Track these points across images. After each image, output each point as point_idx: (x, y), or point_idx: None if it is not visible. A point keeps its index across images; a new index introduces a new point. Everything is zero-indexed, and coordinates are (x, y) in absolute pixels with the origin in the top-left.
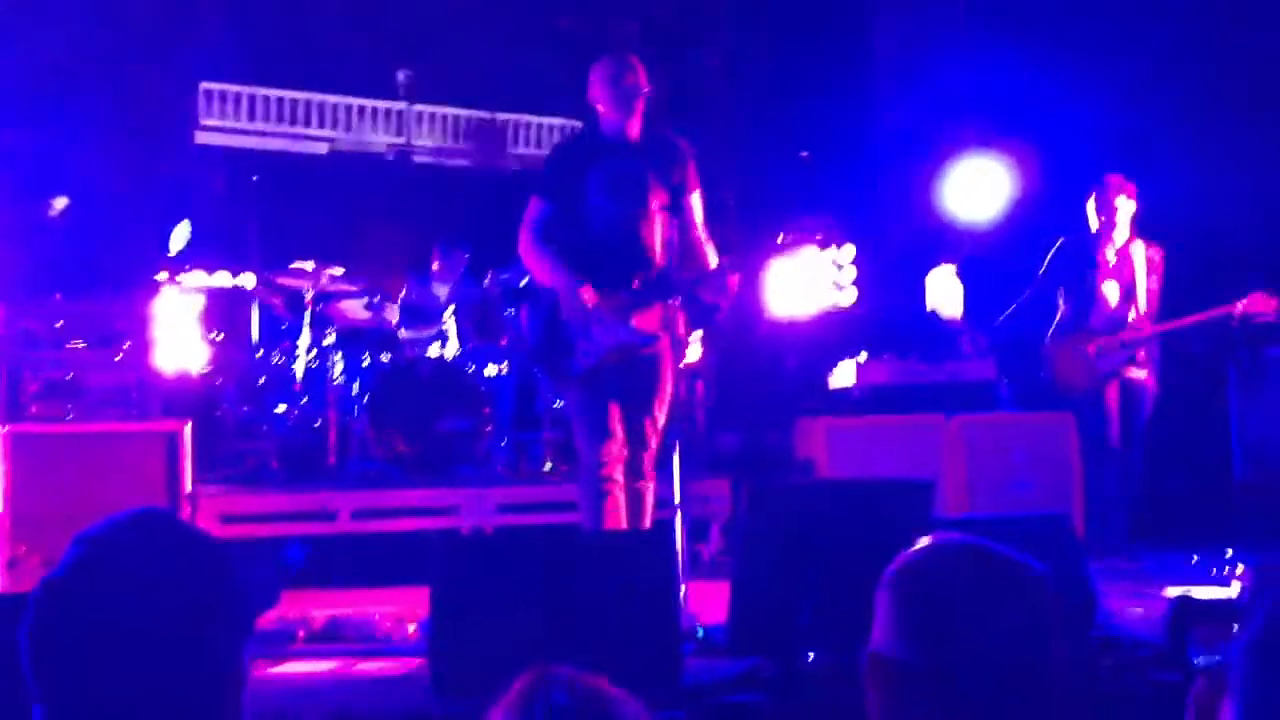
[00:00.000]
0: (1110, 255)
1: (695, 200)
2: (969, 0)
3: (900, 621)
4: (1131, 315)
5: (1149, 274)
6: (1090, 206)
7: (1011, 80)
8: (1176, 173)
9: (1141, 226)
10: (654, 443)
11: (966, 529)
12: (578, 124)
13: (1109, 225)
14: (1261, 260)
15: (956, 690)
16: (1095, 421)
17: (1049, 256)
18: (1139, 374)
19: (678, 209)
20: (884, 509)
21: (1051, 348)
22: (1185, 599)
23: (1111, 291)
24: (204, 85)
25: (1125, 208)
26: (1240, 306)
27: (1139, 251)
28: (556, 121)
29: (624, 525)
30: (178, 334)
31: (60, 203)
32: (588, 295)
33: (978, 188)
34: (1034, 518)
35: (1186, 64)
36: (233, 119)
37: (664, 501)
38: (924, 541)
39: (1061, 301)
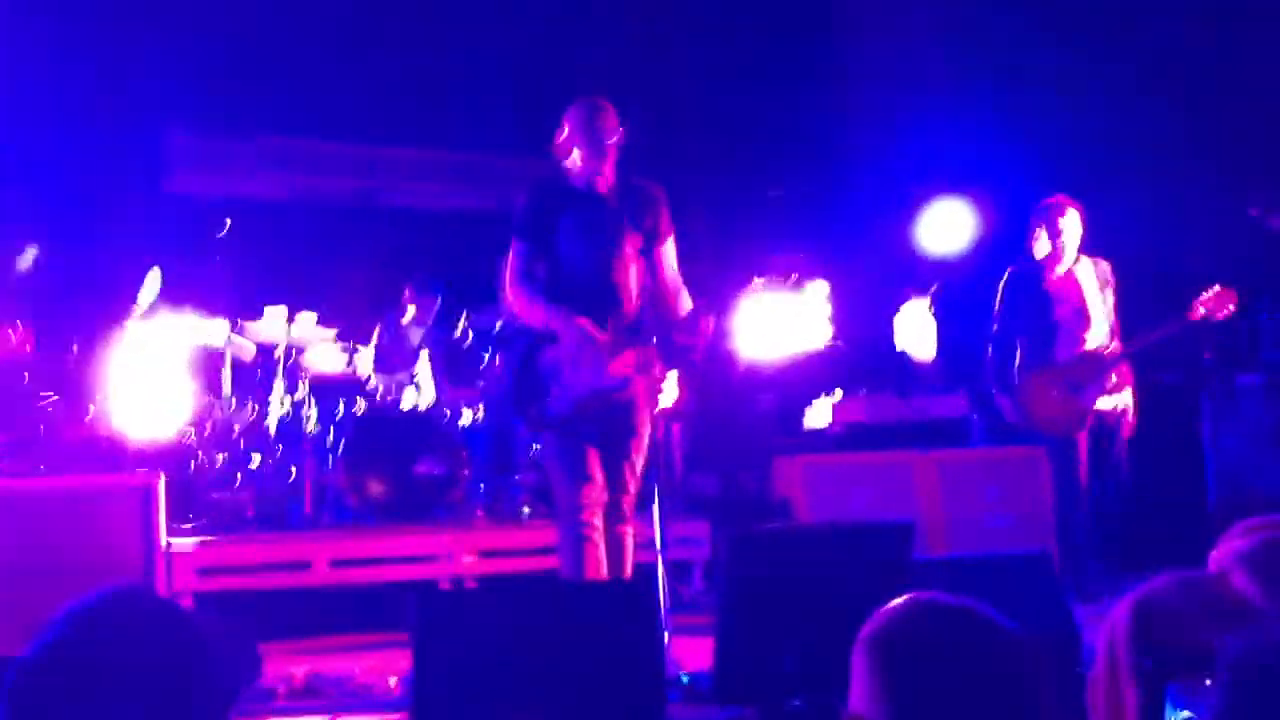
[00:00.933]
0: (1060, 282)
1: (668, 246)
2: (943, 46)
3: (878, 684)
4: (1092, 339)
5: (1103, 289)
6: (1039, 233)
7: (975, 123)
8: (1130, 200)
9: (1103, 251)
10: (633, 487)
11: (948, 570)
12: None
13: (1057, 248)
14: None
15: None
16: (1065, 462)
17: (1000, 291)
18: (1110, 403)
19: (650, 254)
20: (865, 552)
21: (1022, 388)
22: (1180, 647)
23: (1069, 318)
24: (172, 133)
25: (1072, 228)
26: (1200, 307)
27: (1086, 270)
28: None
29: (604, 571)
30: (144, 387)
31: (30, 253)
32: (591, 327)
33: (948, 226)
34: (1014, 557)
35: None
36: (202, 167)
37: (645, 544)
38: (899, 600)
39: (1018, 337)
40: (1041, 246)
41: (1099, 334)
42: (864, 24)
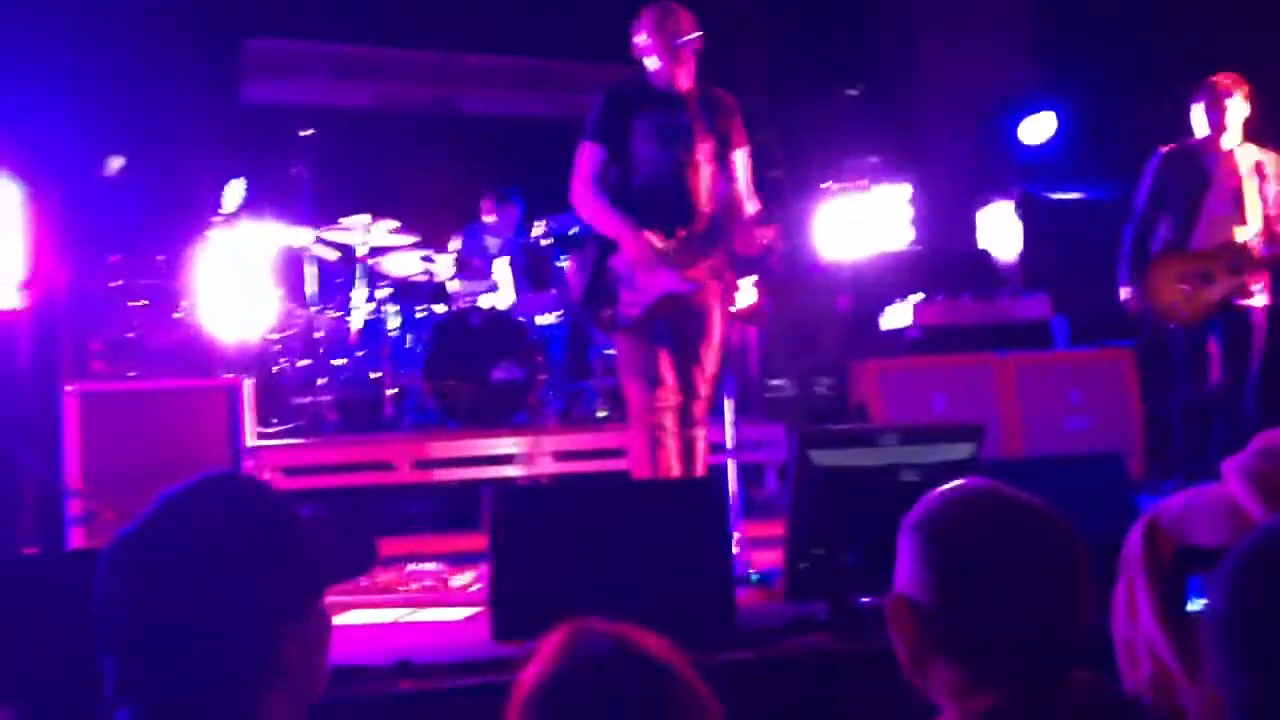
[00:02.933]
0: (1217, 165)
1: (741, 155)
2: None
3: (920, 565)
4: (1240, 233)
5: (1262, 181)
6: (1198, 111)
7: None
8: None
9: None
10: (705, 390)
11: (1016, 470)
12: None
13: (1218, 130)
14: None
15: (977, 633)
16: (1191, 357)
17: (1147, 172)
18: (1250, 303)
19: (724, 161)
20: (934, 452)
21: (1151, 272)
22: (1187, 548)
23: (1220, 206)
24: (248, 41)
25: (1237, 109)
26: None
27: (1248, 156)
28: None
29: (677, 473)
30: (230, 293)
31: (116, 162)
32: (653, 239)
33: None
34: (1084, 457)
35: None
36: (279, 74)
37: (718, 447)
38: (948, 485)
39: (1161, 223)
40: (1200, 125)
41: (1251, 227)
42: None
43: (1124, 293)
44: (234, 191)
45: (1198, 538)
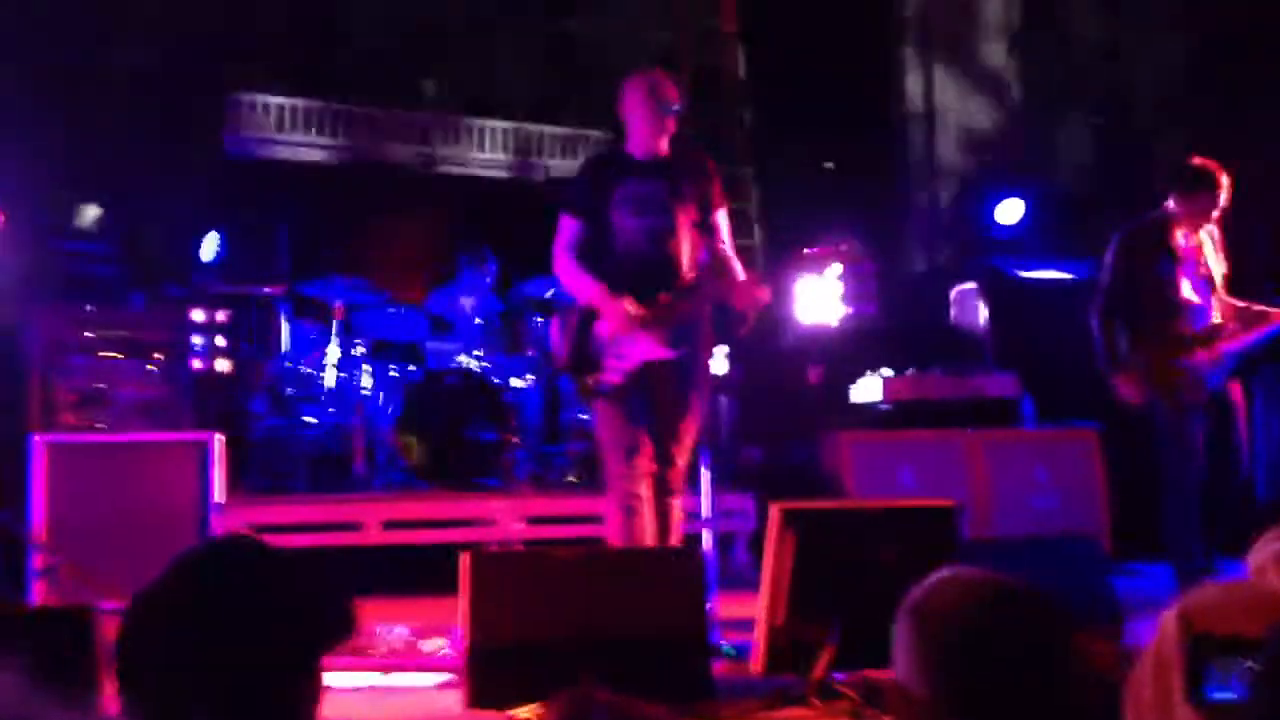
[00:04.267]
0: (1185, 241)
1: (722, 216)
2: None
3: (919, 655)
4: (1217, 309)
5: (1216, 254)
6: (1194, 199)
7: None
8: None
9: None
10: (682, 459)
11: (995, 549)
12: (598, 134)
13: (1204, 218)
14: None
15: (974, 715)
16: (1183, 435)
17: (1112, 256)
18: (1228, 378)
19: (705, 225)
20: (912, 532)
21: (1149, 361)
22: (1203, 635)
23: (1195, 285)
24: (234, 95)
25: (1221, 193)
26: None
27: (1206, 233)
28: (581, 132)
29: (651, 541)
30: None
31: (91, 212)
32: (631, 306)
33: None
34: (1062, 537)
35: None
36: (262, 129)
37: (692, 515)
38: (941, 572)
39: (1133, 303)
40: (1188, 209)
41: (1221, 303)
42: None
43: (1120, 382)
44: (210, 244)
45: (1237, 628)
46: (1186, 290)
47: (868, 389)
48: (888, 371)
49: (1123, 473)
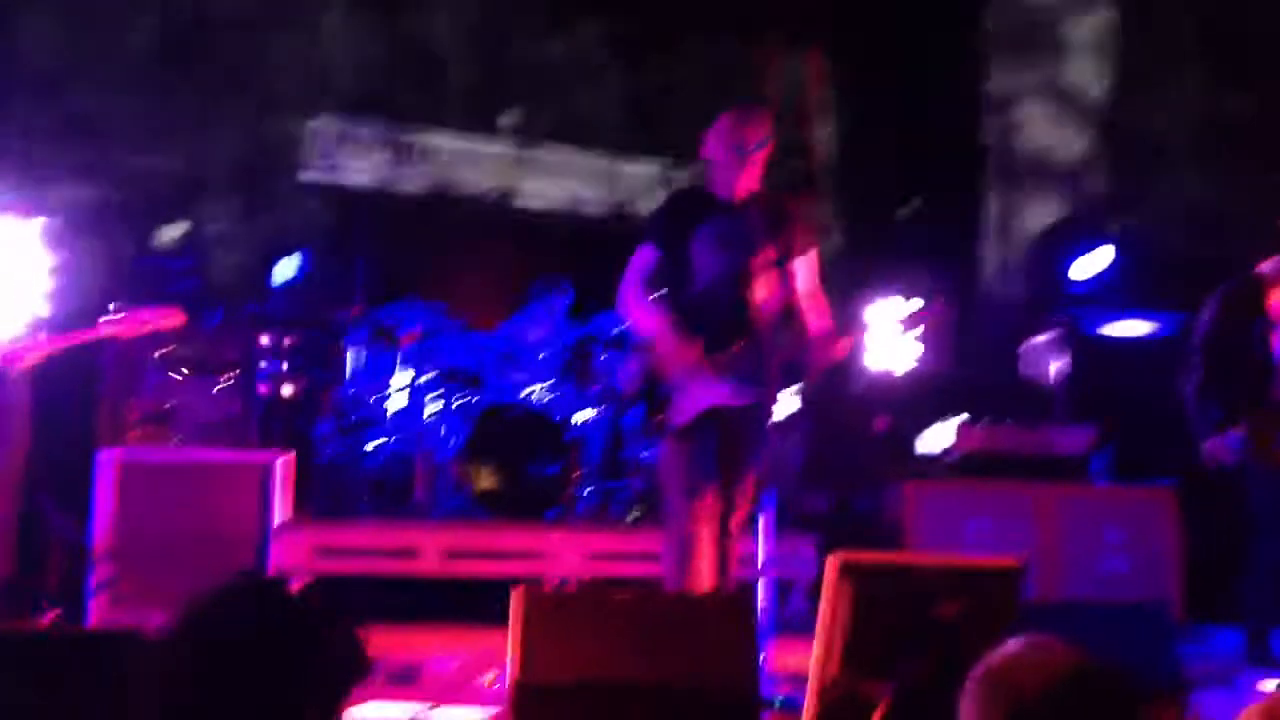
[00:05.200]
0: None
1: (801, 261)
2: None
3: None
4: None
5: None
6: None
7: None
8: None
9: None
10: (743, 504)
11: (1061, 616)
12: (680, 174)
13: None
14: None
15: None
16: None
17: (1208, 313)
18: None
19: (786, 269)
20: (973, 592)
21: (1238, 423)
22: None
23: None
24: (311, 123)
25: None
26: None
27: None
28: (664, 165)
29: (708, 583)
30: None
31: (174, 230)
32: (695, 354)
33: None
34: (1130, 605)
35: None
36: (339, 157)
37: (750, 559)
38: (1012, 642)
39: (1233, 368)
40: (1273, 266)
41: None
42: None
43: (1213, 445)
44: (286, 267)
45: None
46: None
47: (938, 438)
48: (958, 420)
49: (1197, 534)
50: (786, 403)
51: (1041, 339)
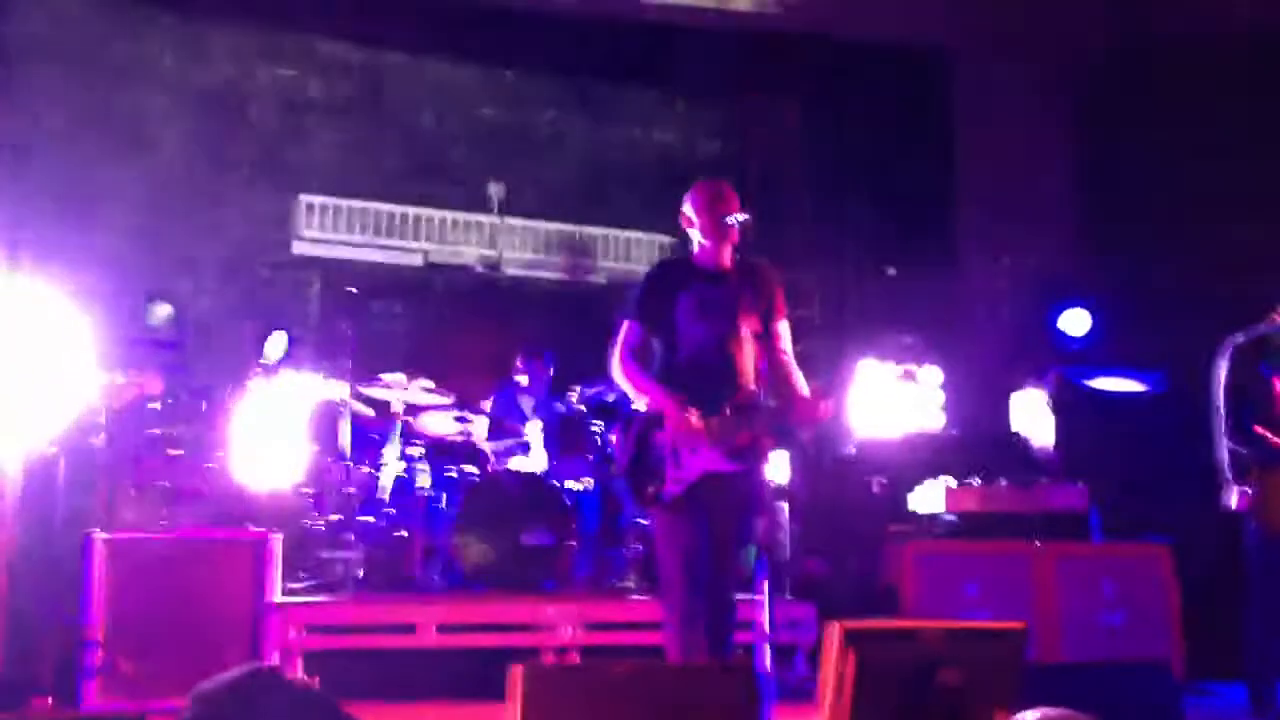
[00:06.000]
0: None
1: (783, 326)
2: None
3: None
4: None
5: None
6: None
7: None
8: None
9: None
10: (740, 570)
11: (1065, 678)
12: (663, 238)
13: None
14: None
15: None
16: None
17: (1221, 366)
18: None
19: (767, 335)
20: (977, 656)
21: (1266, 484)
22: None
23: None
24: (303, 197)
25: None
26: None
27: None
28: (643, 236)
29: (708, 650)
30: (265, 444)
31: (162, 310)
32: (696, 417)
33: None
34: (1132, 664)
35: None
36: (329, 231)
37: (750, 624)
38: (1029, 715)
39: (1248, 420)
40: None
41: None
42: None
43: (1232, 495)
44: (276, 343)
45: None
46: None
47: (930, 499)
48: (950, 481)
49: (1194, 588)
50: (779, 467)
51: (1030, 394)
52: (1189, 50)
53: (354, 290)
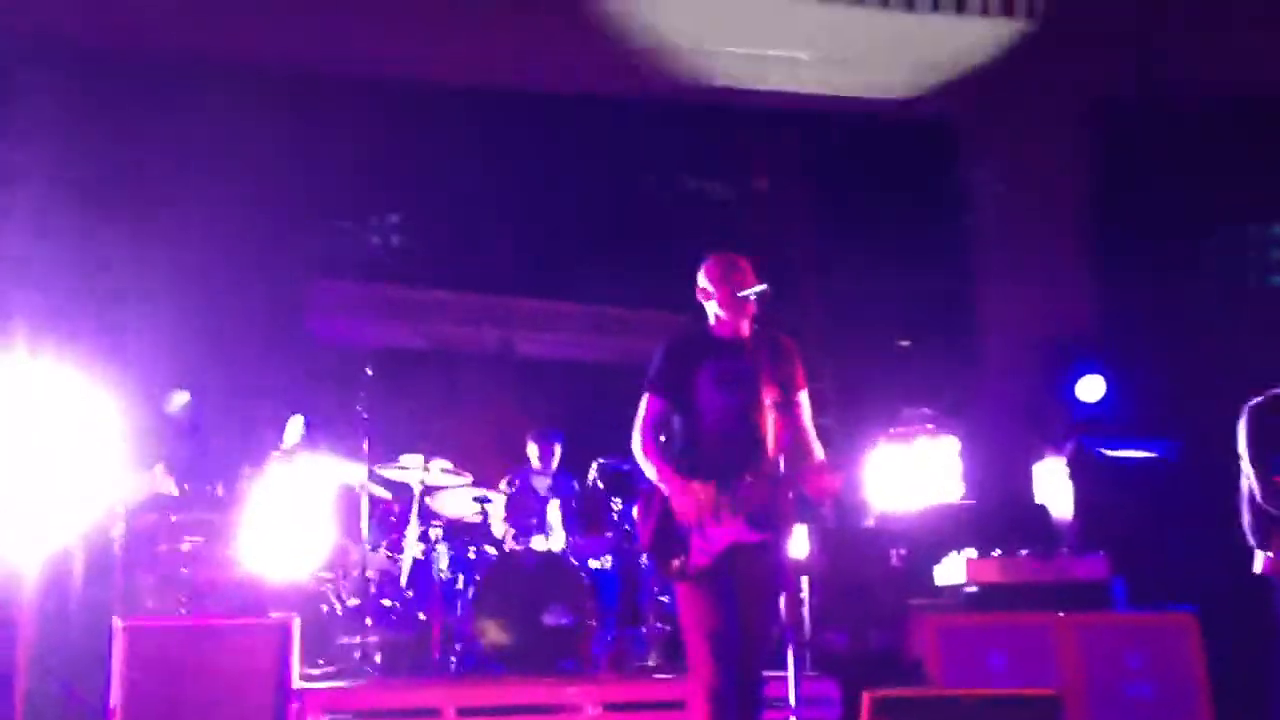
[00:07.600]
0: None
1: (803, 397)
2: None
3: None
4: None
5: None
6: None
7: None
8: None
9: None
10: (765, 643)
11: None
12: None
13: None
14: None
15: None
16: None
17: (1244, 431)
18: None
19: (788, 405)
20: None
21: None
22: None
23: None
24: (318, 281)
25: None
26: None
27: None
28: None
29: None
30: (283, 529)
31: (179, 398)
32: (701, 492)
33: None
34: None
35: None
36: (344, 314)
37: (777, 701)
38: None
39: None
40: None
41: None
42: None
43: (1258, 559)
44: (294, 427)
45: None
46: None
47: (951, 571)
48: (971, 553)
49: (1222, 657)
50: (799, 541)
51: (1049, 464)
52: (1204, 114)
53: (369, 372)
